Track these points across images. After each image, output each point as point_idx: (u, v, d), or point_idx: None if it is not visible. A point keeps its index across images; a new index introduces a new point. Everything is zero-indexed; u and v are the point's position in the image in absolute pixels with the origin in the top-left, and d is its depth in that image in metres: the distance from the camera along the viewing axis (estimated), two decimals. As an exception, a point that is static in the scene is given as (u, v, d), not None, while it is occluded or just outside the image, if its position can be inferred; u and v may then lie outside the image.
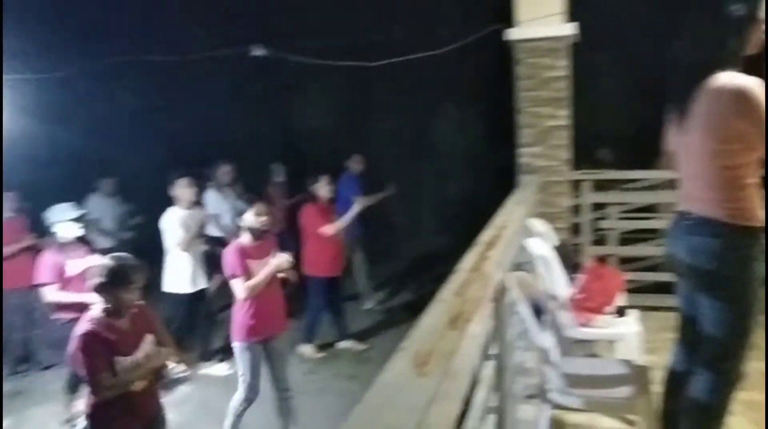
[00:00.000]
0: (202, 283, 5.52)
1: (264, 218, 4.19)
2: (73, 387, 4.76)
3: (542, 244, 3.77)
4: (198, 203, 5.65)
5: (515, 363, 3.46)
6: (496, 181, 8.22)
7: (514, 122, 4.99)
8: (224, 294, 4.88)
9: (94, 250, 4.91)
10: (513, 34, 4.76)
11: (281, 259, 4.21)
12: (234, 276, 4.08)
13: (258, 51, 6.24)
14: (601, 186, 5.13)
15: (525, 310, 2.71)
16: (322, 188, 5.69)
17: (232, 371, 5.61)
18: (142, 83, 8.80)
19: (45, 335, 5.66)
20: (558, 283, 3.82)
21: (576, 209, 5.15)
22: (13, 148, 8.68)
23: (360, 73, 7.09)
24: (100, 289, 2.97)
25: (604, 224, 5.27)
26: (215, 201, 6.53)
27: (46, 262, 4.55)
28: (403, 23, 7.00)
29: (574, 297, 3.56)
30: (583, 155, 5.49)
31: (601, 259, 4.55)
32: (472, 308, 1.61)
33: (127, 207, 7.74)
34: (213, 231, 6.26)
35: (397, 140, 9.14)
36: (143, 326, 3.14)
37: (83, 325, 2.96)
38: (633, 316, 3.58)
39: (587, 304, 3.50)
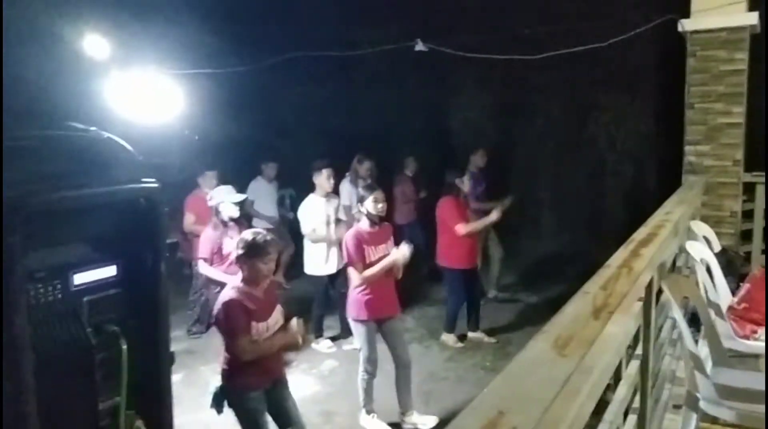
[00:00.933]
0: (337, 266, 5.87)
1: (381, 205, 4.38)
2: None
3: (703, 248, 3.57)
4: (335, 192, 5.96)
5: (665, 368, 3.35)
6: (660, 179, 7.85)
7: (683, 118, 4.71)
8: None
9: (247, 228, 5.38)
10: (688, 24, 4.49)
11: (400, 254, 4.35)
12: (351, 263, 4.33)
13: (420, 46, 6.42)
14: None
15: (678, 314, 2.61)
16: (467, 183, 5.73)
17: (333, 350, 5.99)
18: (310, 78, 9.37)
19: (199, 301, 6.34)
20: (719, 290, 3.60)
21: (747, 214, 4.75)
22: (202, 135, 9.76)
23: (519, 67, 7.03)
24: (239, 259, 3.36)
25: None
26: (348, 192, 6.88)
27: (206, 238, 5.12)
28: (569, 14, 6.79)
29: (736, 306, 3.33)
30: (760, 156, 5.04)
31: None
32: (617, 301, 1.63)
33: (287, 191, 8.34)
34: (346, 218, 6.61)
35: (554, 135, 8.91)
36: (274, 298, 3.50)
37: (227, 293, 3.34)
38: (804, 332, 3.27)
39: (750, 315, 3.26)
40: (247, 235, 3.42)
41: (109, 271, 1.55)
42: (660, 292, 2.66)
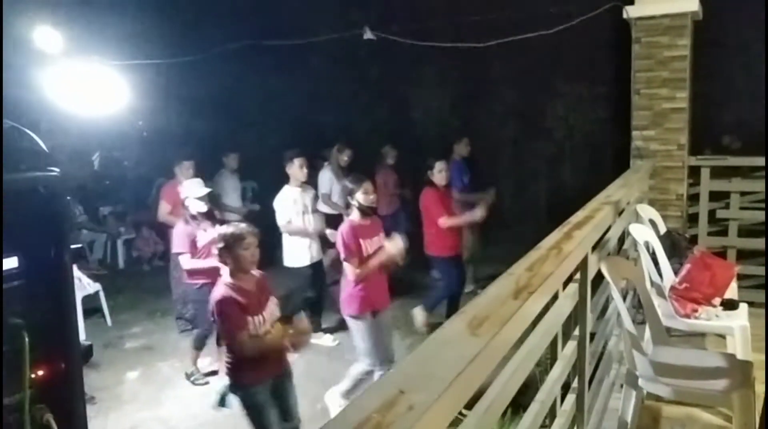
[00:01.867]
0: (317, 257, 5.83)
1: (372, 196, 4.36)
2: (199, 344, 5.26)
3: (647, 231, 3.65)
4: (308, 183, 5.92)
5: (612, 348, 3.42)
6: (615, 165, 7.98)
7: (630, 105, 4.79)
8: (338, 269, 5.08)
9: (218, 222, 5.32)
10: (632, 11, 4.56)
11: (394, 247, 4.30)
12: (347, 257, 4.25)
13: (368, 34, 6.40)
14: (720, 174, 4.80)
15: (616, 294, 2.67)
16: (437, 175, 5.70)
17: (337, 343, 5.94)
18: (265, 66, 9.27)
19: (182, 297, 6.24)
20: (662, 272, 3.69)
21: (693, 198, 4.87)
22: (151, 127, 9.63)
23: (472, 55, 7.06)
24: (222, 254, 3.37)
25: (722, 214, 4.93)
26: (328, 181, 6.85)
27: (180, 232, 5.08)
28: (516, 1, 6.84)
29: (677, 286, 3.42)
30: (707, 141, 5.17)
31: (714, 251, 4.30)
32: (539, 282, 1.66)
33: (249, 183, 8.27)
34: (324, 208, 6.57)
35: (513, 122, 9.00)
36: (266, 290, 3.49)
37: (219, 290, 3.34)
38: (743, 310, 3.38)
39: (691, 295, 3.35)
40: (222, 229, 3.46)
41: (10, 262, 1.50)
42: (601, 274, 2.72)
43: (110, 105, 5.84)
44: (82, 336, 6.27)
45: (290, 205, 5.65)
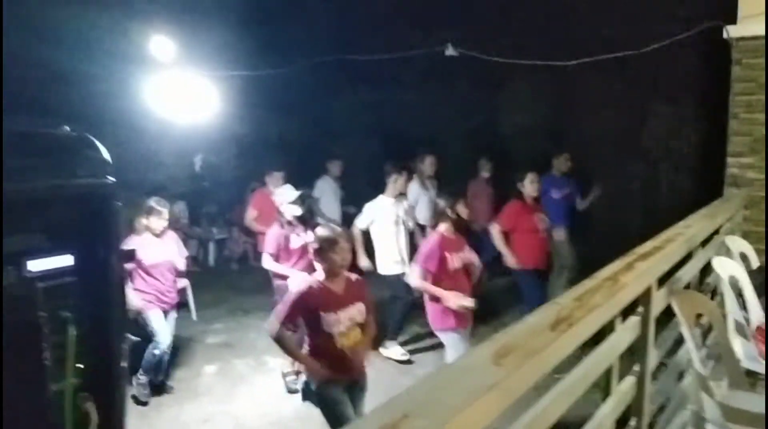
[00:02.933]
0: (406, 267, 5.85)
1: (466, 212, 4.47)
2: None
3: (733, 265, 3.41)
4: (403, 194, 6.04)
5: (686, 388, 3.22)
6: (707, 192, 7.51)
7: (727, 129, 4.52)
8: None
9: (312, 227, 5.49)
10: (734, 30, 4.31)
11: (464, 303, 4.27)
12: (424, 266, 4.32)
13: (450, 51, 6.41)
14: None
15: (686, 331, 2.52)
16: (528, 186, 5.67)
17: (407, 357, 5.92)
18: (355, 79, 9.48)
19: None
20: (749, 310, 3.44)
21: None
22: (247, 134, 10.08)
23: (565, 73, 6.89)
24: (315, 255, 3.55)
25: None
26: (416, 192, 6.91)
27: (273, 235, 5.32)
28: (611, 18, 6.60)
29: (763, 327, 3.18)
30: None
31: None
32: (584, 314, 1.60)
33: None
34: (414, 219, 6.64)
35: (601, 142, 8.67)
36: (355, 295, 3.60)
37: (303, 283, 3.59)
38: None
39: (778, 337, 3.10)
40: (318, 231, 3.65)
41: (65, 260, 1.65)
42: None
43: (208, 112, 6.21)
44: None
45: (381, 214, 5.82)
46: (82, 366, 1.62)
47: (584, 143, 8.84)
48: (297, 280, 3.73)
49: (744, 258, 3.86)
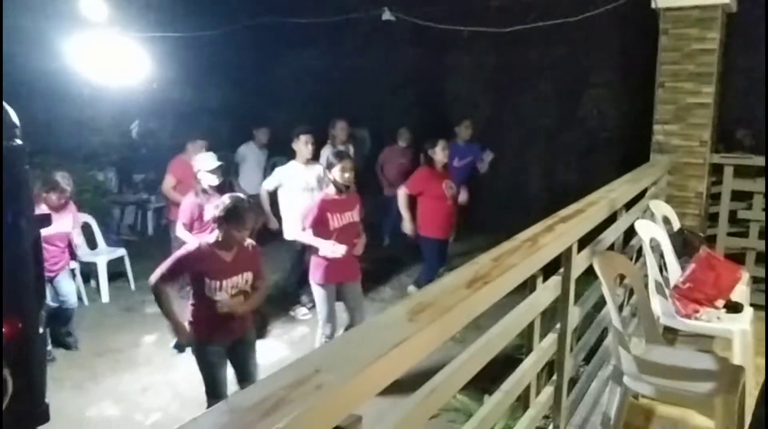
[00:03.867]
0: None
1: (348, 175, 4.43)
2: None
3: (653, 227, 3.58)
4: (315, 159, 5.97)
5: (604, 344, 3.39)
6: (638, 158, 7.79)
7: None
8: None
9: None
10: (662, 1, 4.43)
11: (335, 251, 4.38)
12: (302, 222, 4.49)
13: (386, 15, 6.36)
14: (742, 173, 4.65)
15: (605, 290, 2.64)
16: (439, 153, 5.71)
17: (308, 317, 6.03)
18: (298, 42, 9.31)
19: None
20: (669, 270, 3.63)
21: (715, 196, 4.74)
22: (193, 101, 9.81)
23: (505, 41, 6.95)
24: (216, 221, 3.45)
25: (743, 214, 4.79)
26: (325, 157, 6.88)
27: (188, 204, 5.20)
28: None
29: (680, 285, 3.36)
30: (721, 137, 4.99)
31: (732, 252, 4.20)
32: (500, 273, 1.66)
33: (279, 159, 8.34)
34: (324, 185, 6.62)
35: (545, 111, 8.85)
36: (245, 264, 3.56)
37: (192, 245, 3.54)
38: (747, 313, 3.30)
39: (693, 295, 3.29)
40: (228, 200, 3.47)
41: None
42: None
43: (143, 76, 5.99)
44: (105, 298, 6.58)
45: (291, 179, 5.72)
46: None
47: (522, 113, 9.03)
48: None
49: (667, 221, 4.05)
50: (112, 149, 9.52)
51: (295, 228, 4.67)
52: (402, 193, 5.76)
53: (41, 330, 1.89)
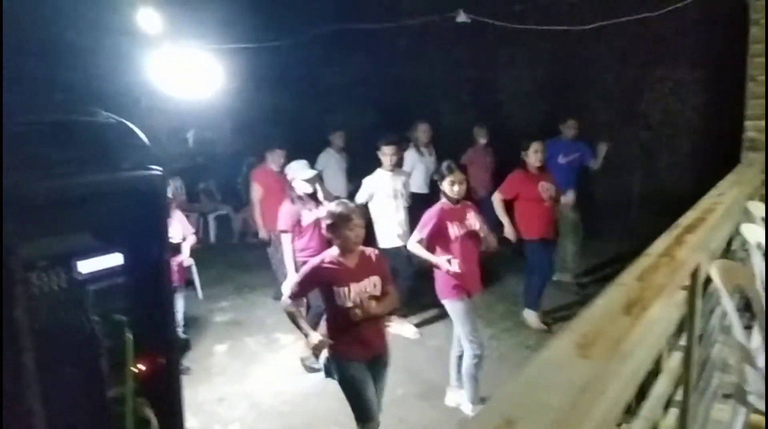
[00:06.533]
0: (405, 240, 5.81)
1: (458, 188, 4.37)
2: (312, 324, 5.35)
3: (760, 231, 3.36)
4: (400, 166, 5.99)
5: (714, 356, 3.19)
6: (718, 156, 7.45)
7: (743, 91, 4.43)
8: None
9: (322, 203, 5.37)
10: (752, -9, 4.19)
11: (448, 266, 4.27)
12: (420, 233, 4.40)
13: (461, 17, 6.27)
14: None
15: (729, 303, 2.46)
16: (532, 155, 5.61)
17: (418, 336, 5.84)
18: (353, 50, 9.29)
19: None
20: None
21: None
22: (243, 109, 9.89)
23: (567, 38, 6.76)
24: (328, 230, 3.54)
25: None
26: (412, 160, 6.88)
27: (287, 212, 5.22)
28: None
29: (794, 294, 3.13)
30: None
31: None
32: (653, 295, 1.53)
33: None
34: (413, 188, 6.57)
35: (606, 109, 8.57)
36: (370, 269, 3.56)
37: (315, 258, 3.61)
38: None
39: (810, 304, 3.06)
40: (332, 206, 3.60)
41: (115, 259, 1.54)
42: (709, 278, 2.52)
43: (207, 88, 6.04)
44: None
45: (379, 187, 5.79)
46: (137, 370, 1.54)
47: (582, 110, 8.75)
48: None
49: (766, 223, 3.80)
50: (173, 160, 9.69)
51: (412, 239, 4.53)
52: (497, 198, 5.69)
53: (180, 365, 1.85)
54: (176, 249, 5.39)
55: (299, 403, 4.75)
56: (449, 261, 4.27)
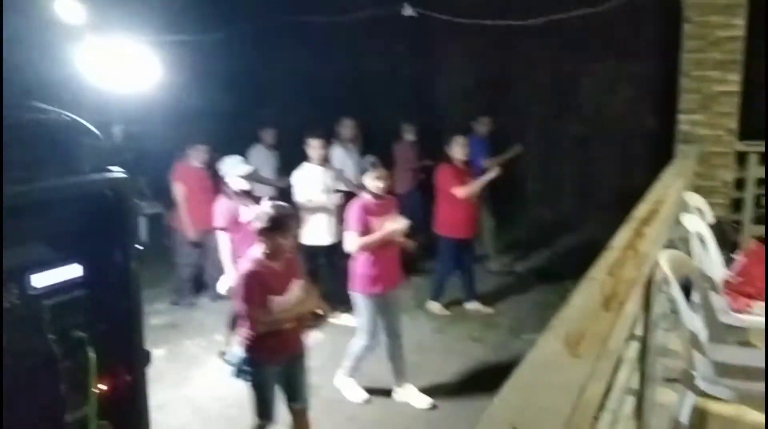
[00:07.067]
0: (336, 236, 5.74)
1: (381, 184, 4.39)
2: (233, 323, 5.21)
3: (698, 221, 3.50)
4: (328, 161, 5.91)
5: (657, 342, 3.30)
6: (647, 148, 7.78)
7: (674, 86, 4.60)
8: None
9: (258, 199, 5.24)
10: (687, -11, 4.36)
11: (396, 226, 4.35)
12: (350, 229, 4.36)
13: (407, 11, 6.24)
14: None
15: (678, 293, 2.54)
16: (457, 149, 5.64)
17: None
18: (293, 44, 9.11)
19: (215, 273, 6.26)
20: (713, 264, 3.55)
21: (738, 184, 4.70)
22: (176, 103, 9.50)
23: (506, 34, 6.86)
24: (261, 233, 3.33)
25: (769, 202, 4.77)
26: (340, 156, 6.77)
27: (223, 208, 5.03)
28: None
29: (731, 280, 3.28)
30: (753, 125, 4.95)
31: (764, 240, 4.15)
32: (627, 289, 1.54)
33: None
34: (340, 186, 6.50)
35: (542, 102, 8.77)
36: (293, 272, 3.47)
37: (246, 265, 3.36)
38: (799, 306, 3.23)
39: (745, 289, 3.21)
40: (270, 209, 3.40)
41: (74, 270, 1.39)
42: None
43: (138, 81, 5.73)
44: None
45: (310, 182, 5.66)
46: (100, 390, 1.40)
47: (519, 104, 8.94)
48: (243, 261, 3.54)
49: (699, 213, 3.97)
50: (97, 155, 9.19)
51: (349, 242, 4.45)
52: (459, 192, 5.67)
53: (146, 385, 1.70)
54: None
55: (245, 407, 4.56)
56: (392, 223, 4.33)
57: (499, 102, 8.95)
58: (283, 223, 3.33)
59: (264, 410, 3.48)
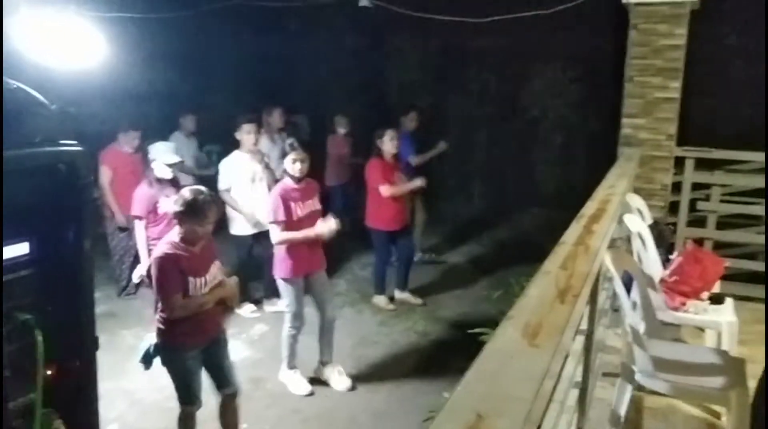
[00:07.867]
0: (262, 226, 5.56)
1: (299, 166, 4.36)
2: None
3: (639, 221, 3.63)
4: (258, 149, 5.81)
5: (598, 337, 3.41)
6: (589, 150, 8.03)
7: (617, 91, 4.77)
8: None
9: (180, 187, 5.11)
10: (632, -4, 4.50)
11: (325, 228, 4.37)
12: (273, 221, 4.32)
13: (363, 2, 6.19)
14: (704, 165, 4.86)
15: (621, 289, 2.63)
16: (387, 143, 5.63)
17: (258, 314, 5.88)
18: (244, 28, 8.93)
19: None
20: (651, 263, 3.69)
21: (675, 187, 4.91)
22: (117, 83, 9.15)
23: (457, 31, 6.91)
24: (177, 217, 3.25)
25: (702, 205, 5.00)
26: (266, 147, 6.65)
27: (142, 196, 4.89)
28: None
29: (667, 278, 3.42)
30: (691, 132, 5.18)
31: (698, 242, 4.35)
32: (580, 283, 1.58)
33: (213, 147, 7.91)
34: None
35: (489, 101, 8.91)
36: (211, 253, 3.42)
37: (161, 248, 3.27)
38: (729, 304, 3.41)
39: (681, 288, 3.36)
40: (188, 193, 3.27)
41: (20, 249, 1.30)
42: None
43: (78, 59, 5.47)
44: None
45: (238, 170, 5.55)
46: (46, 376, 1.31)
47: (465, 103, 9.07)
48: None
49: (639, 214, 4.13)
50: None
51: (274, 235, 4.41)
52: (384, 191, 5.64)
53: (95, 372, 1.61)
54: None
55: (184, 399, 4.50)
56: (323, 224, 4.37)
57: (448, 98, 9.07)
58: (199, 211, 3.22)
59: (188, 396, 3.43)
